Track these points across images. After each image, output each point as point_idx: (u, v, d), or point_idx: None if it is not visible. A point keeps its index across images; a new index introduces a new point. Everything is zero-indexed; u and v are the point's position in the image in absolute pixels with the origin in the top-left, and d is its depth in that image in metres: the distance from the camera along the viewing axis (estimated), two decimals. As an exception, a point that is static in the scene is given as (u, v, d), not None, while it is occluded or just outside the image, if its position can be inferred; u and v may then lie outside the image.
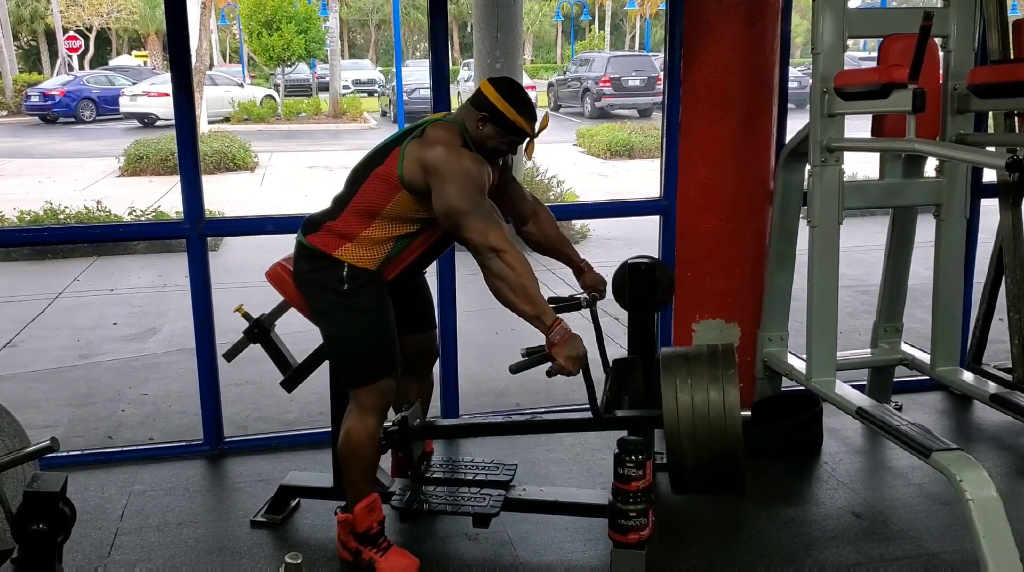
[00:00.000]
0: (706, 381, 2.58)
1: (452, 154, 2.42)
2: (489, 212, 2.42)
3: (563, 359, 2.38)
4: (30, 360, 5.09)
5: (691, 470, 2.61)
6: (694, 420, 2.56)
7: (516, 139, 2.56)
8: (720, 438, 2.54)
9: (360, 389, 2.58)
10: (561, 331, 2.38)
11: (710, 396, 2.56)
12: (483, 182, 2.44)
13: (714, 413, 2.55)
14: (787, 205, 3.60)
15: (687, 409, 2.57)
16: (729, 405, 2.55)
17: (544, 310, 2.39)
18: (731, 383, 2.57)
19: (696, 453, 2.57)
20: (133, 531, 2.95)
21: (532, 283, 2.37)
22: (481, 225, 2.37)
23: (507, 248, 2.36)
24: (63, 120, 22.24)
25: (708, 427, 2.55)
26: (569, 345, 2.38)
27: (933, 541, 2.85)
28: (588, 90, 22.02)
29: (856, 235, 6.24)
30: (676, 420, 2.57)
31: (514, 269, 2.36)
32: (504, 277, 2.36)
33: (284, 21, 20.97)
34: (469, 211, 2.38)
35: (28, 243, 7.76)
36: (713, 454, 2.56)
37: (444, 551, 2.82)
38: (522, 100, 2.53)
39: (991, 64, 3.56)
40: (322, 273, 2.55)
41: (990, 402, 3.28)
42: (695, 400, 2.57)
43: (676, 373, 2.63)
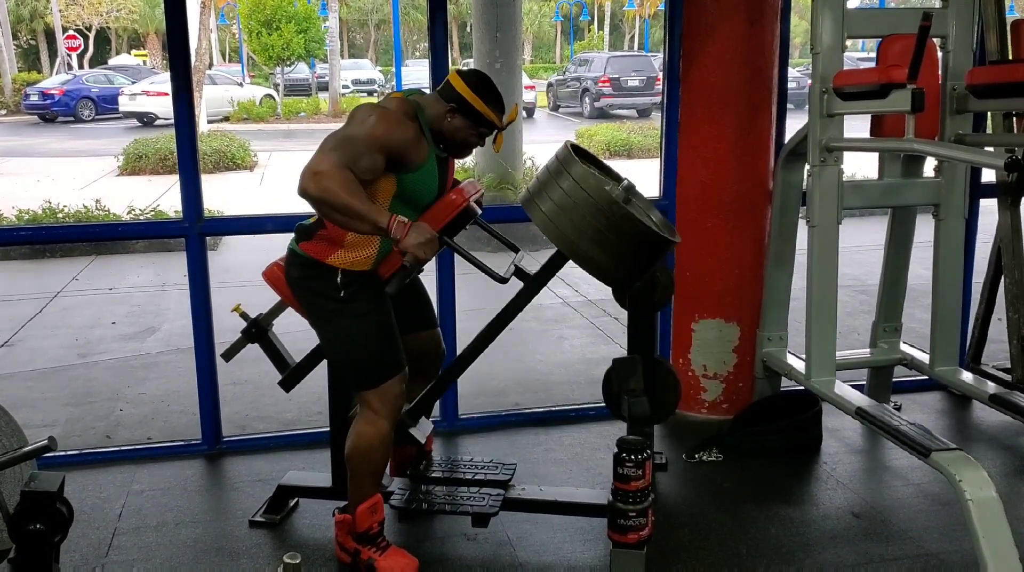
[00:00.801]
0: (556, 180, 2.45)
1: (370, 109, 2.39)
2: (353, 153, 2.31)
3: (413, 248, 2.32)
4: (28, 359, 5.08)
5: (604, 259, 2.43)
6: (567, 215, 2.41)
7: (485, 131, 2.55)
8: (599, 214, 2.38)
9: (368, 392, 2.56)
10: (399, 224, 2.30)
11: (564, 186, 2.42)
12: (378, 137, 2.34)
13: (580, 199, 2.39)
14: (786, 205, 3.60)
15: (554, 211, 2.43)
16: (581, 179, 2.40)
17: (376, 216, 2.29)
18: (572, 166, 2.42)
19: (597, 241, 2.40)
20: (131, 531, 2.94)
21: (354, 199, 2.27)
22: (323, 156, 2.29)
23: (327, 171, 2.26)
24: (62, 119, 22.22)
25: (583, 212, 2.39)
26: (413, 233, 2.32)
27: (932, 541, 2.85)
28: (587, 90, 22.02)
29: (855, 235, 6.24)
30: (555, 226, 2.43)
31: (331, 191, 2.25)
32: (325, 200, 2.26)
33: (284, 21, 20.97)
34: (328, 147, 2.31)
35: (27, 242, 7.75)
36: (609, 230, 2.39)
37: (443, 551, 2.81)
38: (490, 92, 2.51)
39: (989, 64, 3.56)
40: (317, 281, 2.53)
41: (989, 402, 3.28)
42: (556, 199, 2.43)
43: (533, 194, 2.51)
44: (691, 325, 3.74)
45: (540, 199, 2.49)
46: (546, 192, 2.48)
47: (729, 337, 3.72)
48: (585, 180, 2.41)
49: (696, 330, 3.74)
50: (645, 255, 2.50)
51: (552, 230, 2.45)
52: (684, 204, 3.67)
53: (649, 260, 2.53)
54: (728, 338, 3.72)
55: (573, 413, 3.86)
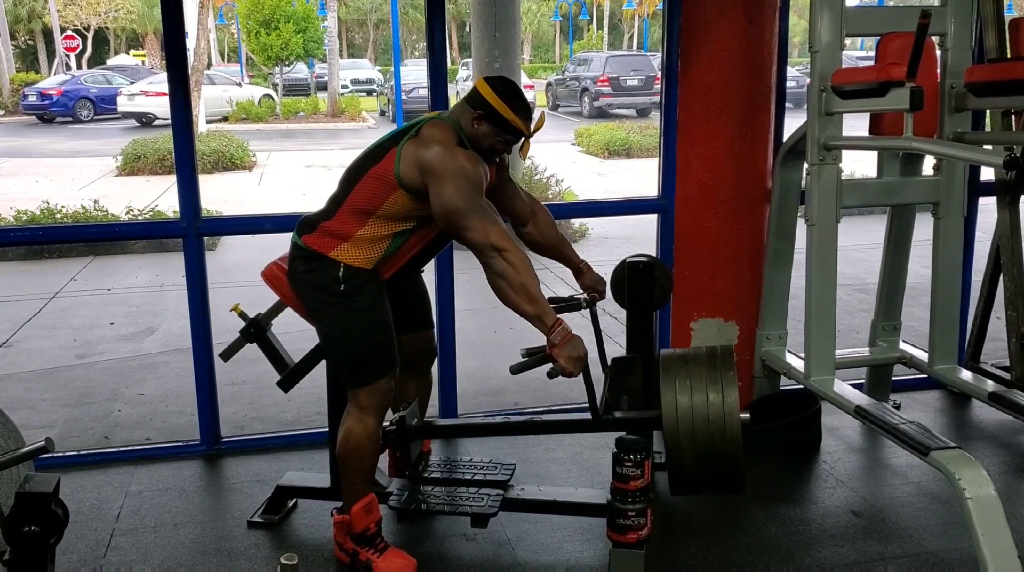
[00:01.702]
0: (705, 382, 2.58)
1: (448, 153, 2.40)
2: (487, 210, 2.41)
3: (564, 360, 2.37)
4: (26, 360, 5.08)
5: (690, 471, 2.61)
6: (693, 422, 2.56)
7: (512, 138, 2.55)
8: (719, 440, 2.54)
9: (360, 389, 2.56)
10: (562, 332, 2.37)
11: (709, 398, 2.56)
12: (480, 181, 2.43)
13: (713, 415, 2.55)
14: (785, 204, 3.60)
15: (686, 411, 2.57)
16: (728, 407, 2.54)
17: (545, 310, 2.38)
18: (730, 385, 2.57)
19: (695, 455, 2.57)
20: (129, 532, 2.94)
21: (534, 282, 2.37)
22: (481, 223, 2.36)
23: (509, 246, 2.35)
24: (60, 119, 22.22)
25: (707, 429, 2.55)
26: (570, 346, 2.37)
27: (932, 539, 2.84)
28: (586, 90, 22.03)
29: (854, 233, 6.24)
30: (676, 422, 2.57)
31: (516, 268, 2.35)
32: (506, 276, 2.35)
33: (282, 20, 20.97)
34: (467, 210, 2.37)
35: (25, 243, 7.76)
36: (712, 455, 2.56)
37: (442, 551, 2.81)
38: (518, 99, 2.51)
39: (988, 62, 3.55)
40: (318, 274, 2.54)
41: (988, 400, 3.28)
42: (694, 402, 2.57)
43: (675, 374, 2.63)
44: (690, 324, 3.73)
45: (681, 379, 2.62)
46: (691, 381, 2.60)
47: (728, 336, 3.71)
48: (732, 415, 2.55)
49: (695, 329, 3.73)
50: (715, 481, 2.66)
51: (669, 417, 2.59)
52: (683, 203, 3.66)
53: (713, 485, 2.69)
54: (727, 337, 3.71)
55: (572, 412, 3.85)
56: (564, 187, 9.18)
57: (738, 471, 2.59)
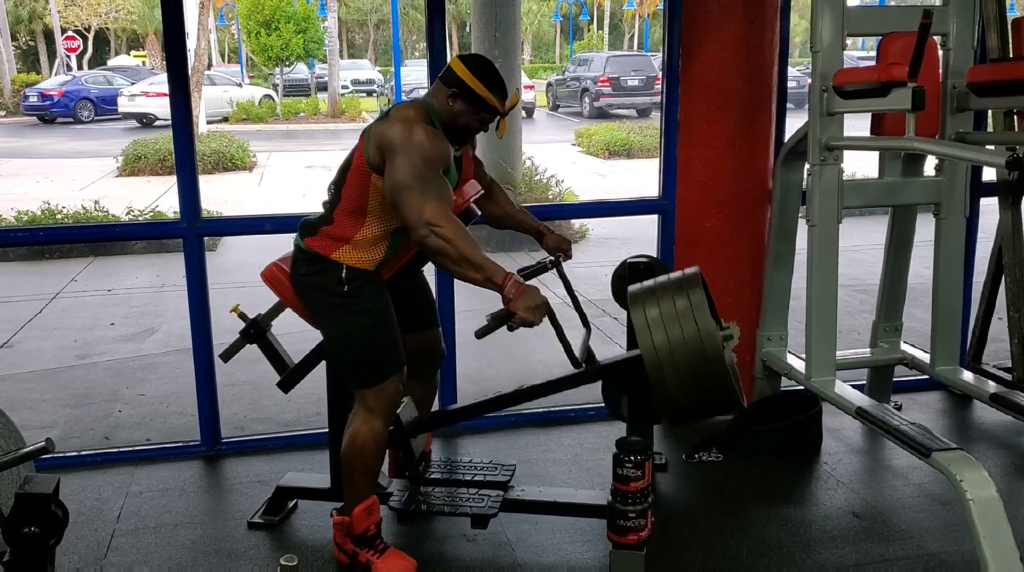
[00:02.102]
0: (674, 309, 2.51)
1: (406, 129, 2.37)
2: (432, 187, 2.32)
3: (522, 311, 2.31)
4: (27, 361, 5.08)
5: (681, 399, 2.53)
6: (671, 348, 2.48)
7: (487, 116, 2.53)
8: (701, 360, 2.46)
9: (366, 391, 2.55)
10: (515, 284, 2.31)
11: (682, 324, 2.48)
12: (436, 157, 2.36)
13: (690, 339, 2.47)
14: (786, 204, 3.59)
15: (663, 342, 2.49)
16: (703, 328, 2.47)
17: (492, 270, 2.31)
18: (700, 306, 2.50)
19: (680, 383, 2.49)
20: (130, 532, 2.94)
21: (473, 250, 2.29)
22: (418, 201, 2.29)
23: (441, 222, 2.27)
24: (61, 120, 22.22)
25: (688, 355, 2.47)
26: (525, 296, 2.32)
27: (933, 541, 2.84)
28: (587, 90, 22.02)
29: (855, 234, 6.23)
30: (654, 353, 2.49)
31: (450, 241, 2.27)
32: (443, 252, 2.29)
33: (282, 21, 20.97)
34: (410, 186, 2.30)
35: (25, 243, 7.75)
36: (697, 377, 2.49)
37: (442, 552, 2.80)
38: (492, 76, 2.50)
39: (990, 62, 3.55)
40: (321, 276, 2.53)
41: (990, 401, 3.27)
42: (669, 332, 2.49)
43: (645, 307, 2.56)
44: (691, 325, 3.73)
45: (649, 301, 2.56)
46: (658, 298, 2.54)
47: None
48: (701, 311, 2.48)
49: (696, 330, 3.72)
50: (707, 405, 2.58)
51: (644, 336, 2.52)
52: (683, 203, 3.66)
53: (705, 410, 2.61)
54: (728, 338, 3.71)
55: (572, 413, 3.85)
56: (564, 188, 9.18)
57: (727, 390, 2.51)
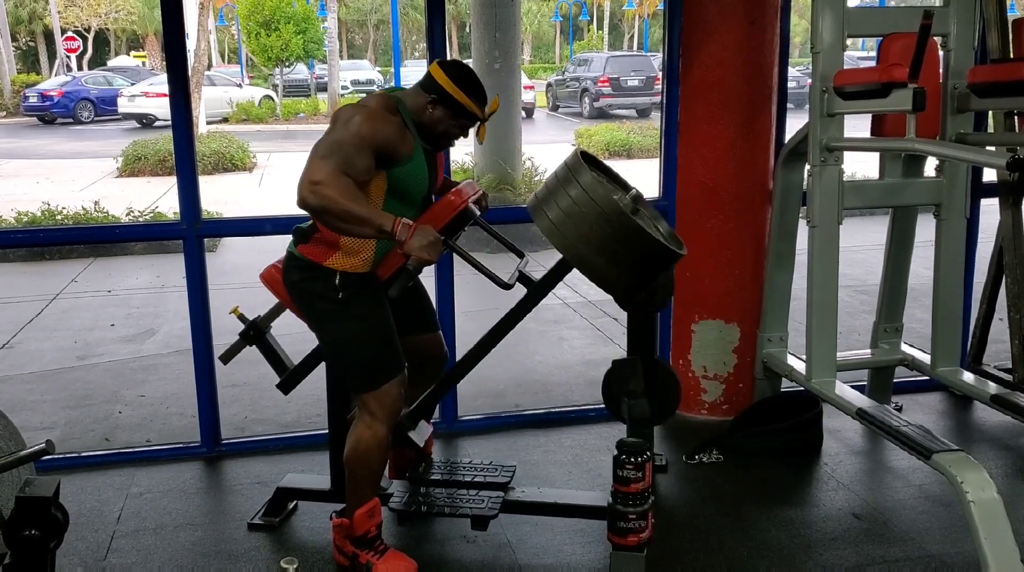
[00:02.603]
0: (564, 187, 2.45)
1: (353, 109, 2.37)
2: (343, 158, 2.29)
3: (417, 250, 2.31)
4: (27, 362, 5.07)
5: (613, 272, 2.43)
6: (574, 223, 2.40)
7: (466, 122, 2.53)
8: (607, 225, 2.37)
9: (367, 394, 2.55)
10: (404, 227, 2.30)
11: (571, 194, 2.41)
12: (365, 135, 2.33)
13: (589, 212, 2.38)
14: (786, 205, 3.59)
15: (561, 218, 2.41)
16: (600, 198, 2.38)
17: (379, 219, 2.29)
18: (581, 173, 2.42)
19: (602, 254, 2.40)
20: (130, 534, 2.93)
21: (356, 205, 2.27)
22: (316, 165, 2.27)
23: (324, 180, 2.24)
24: (61, 121, 22.22)
25: (594, 227, 2.38)
26: (417, 235, 2.31)
27: (934, 543, 2.83)
28: (587, 90, 22.02)
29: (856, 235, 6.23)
30: (560, 234, 2.42)
31: (331, 199, 2.24)
32: (326, 210, 2.26)
33: (282, 21, 20.97)
34: (320, 155, 2.29)
35: (25, 244, 7.75)
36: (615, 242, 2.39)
37: (442, 553, 2.80)
38: (472, 83, 2.49)
39: (991, 63, 3.55)
40: (315, 283, 2.53)
41: (990, 403, 3.27)
42: (563, 207, 2.41)
43: (541, 201, 2.50)
44: (691, 326, 3.73)
45: (547, 206, 2.47)
46: (554, 199, 2.46)
47: (729, 338, 3.71)
48: (593, 189, 2.39)
49: (696, 331, 3.72)
50: (651, 266, 2.49)
51: (558, 238, 2.43)
52: (684, 204, 3.66)
53: (654, 271, 2.52)
54: (728, 339, 3.71)
55: (573, 415, 3.85)
56: (565, 188, 9.15)
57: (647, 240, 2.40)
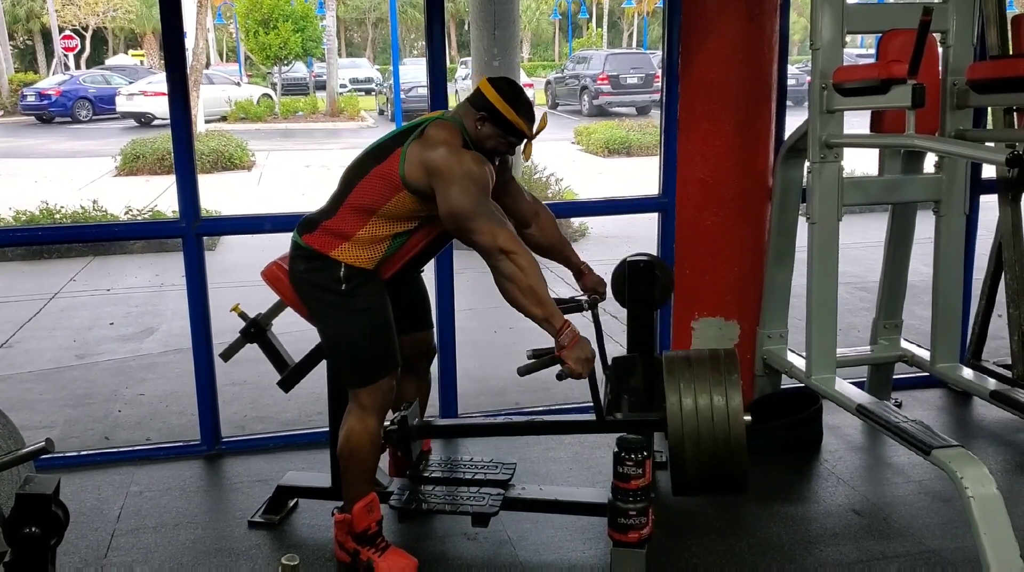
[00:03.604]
0: (709, 385, 2.58)
1: (455, 155, 2.40)
2: (494, 213, 2.41)
3: (573, 362, 2.38)
4: (26, 360, 5.07)
5: (693, 474, 2.61)
6: (698, 424, 2.56)
7: (514, 140, 2.55)
8: (723, 443, 2.55)
9: (361, 389, 2.56)
10: (570, 334, 2.38)
11: (714, 401, 2.56)
12: (486, 182, 2.43)
13: (718, 418, 2.55)
14: (786, 202, 3.59)
15: (691, 413, 2.57)
16: (732, 410, 2.55)
17: (554, 312, 2.39)
18: (734, 388, 2.57)
19: (698, 457, 2.57)
20: (130, 532, 2.93)
21: (541, 285, 2.37)
22: (488, 226, 2.36)
23: (516, 249, 2.36)
24: (59, 120, 22.18)
25: (712, 432, 2.55)
26: (579, 348, 2.39)
27: (934, 538, 2.84)
28: (586, 88, 22.02)
29: (855, 231, 6.23)
30: (680, 424, 2.57)
31: (524, 271, 2.35)
32: (514, 279, 2.36)
33: (281, 20, 20.95)
34: (475, 213, 2.37)
35: (24, 243, 7.74)
36: (715, 457, 2.56)
37: (443, 551, 2.80)
38: (521, 100, 2.51)
39: (990, 59, 3.55)
40: (319, 273, 2.53)
41: (990, 398, 3.28)
42: (699, 404, 2.57)
43: (679, 377, 2.63)
44: (691, 323, 3.73)
45: (685, 381, 2.61)
46: (695, 384, 2.59)
47: (729, 335, 3.70)
48: (737, 419, 2.54)
49: (696, 328, 3.72)
50: (718, 485, 2.65)
51: (674, 419, 2.58)
52: (684, 202, 3.66)
53: (716, 489, 2.69)
54: (728, 336, 3.70)
55: (573, 412, 3.85)
56: (564, 186, 9.17)
57: (741, 473, 2.59)
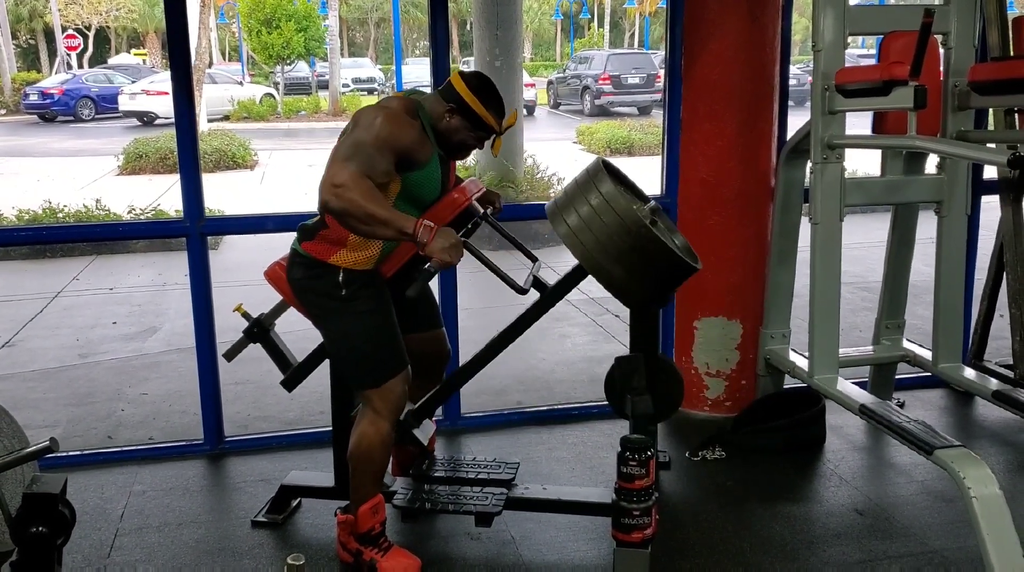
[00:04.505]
0: (584, 195, 2.50)
1: (375, 110, 2.39)
2: (364, 160, 2.31)
3: (439, 252, 2.31)
4: (29, 360, 5.08)
5: (631, 282, 2.49)
6: (593, 231, 2.46)
7: (483, 134, 2.54)
8: (626, 236, 2.44)
9: (371, 392, 2.56)
10: (426, 229, 2.30)
11: (592, 202, 2.47)
12: (386, 138, 2.34)
13: (607, 217, 2.45)
14: (788, 202, 3.60)
15: (580, 226, 2.47)
16: (622, 209, 2.44)
17: (400, 222, 2.29)
18: (603, 183, 2.48)
19: (620, 261, 2.46)
20: (133, 532, 2.94)
21: (378, 207, 2.27)
22: (337, 167, 2.28)
23: (347, 183, 2.25)
24: (62, 119, 22.21)
25: (613, 237, 2.44)
26: (439, 238, 2.31)
27: (936, 538, 2.84)
28: (588, 88, 22.02)
29: (857, 232, 6.23)
30: (579, 242, 2.47)
31: (354, 202, 2.25)
32: (348, 212, 2.26)
33: (283, 19, 20.97)
34: (342, 158, 2.30)
35: (27, 242, 7.75)
36: (632, 253, 2.45)
37: (446, 550, 2.81)
38: (491, 95, 2.51)
39: (991, 61, 3.55)
40: (319, 280, 2.53)
41: (992, 399, 3.28)
42: (583, 215, 2.47)
43: (560, 207, 2.56)
44: (694, 323, 3.74)
45: (566, 212, 2.52)
46: (573, 206, 2.51)
47: (732, 335, 3.71)
48: (615, 199, 2.44)
49: (699, 328, 3.73)
50: (666, 278, 2.54)
51: (575, 245, 2.48)
52: (686, 202, 3.67)
53: (670, 284, 2.58)
54: (731, 336, 3.71)
55: (576, 412, 3.86)
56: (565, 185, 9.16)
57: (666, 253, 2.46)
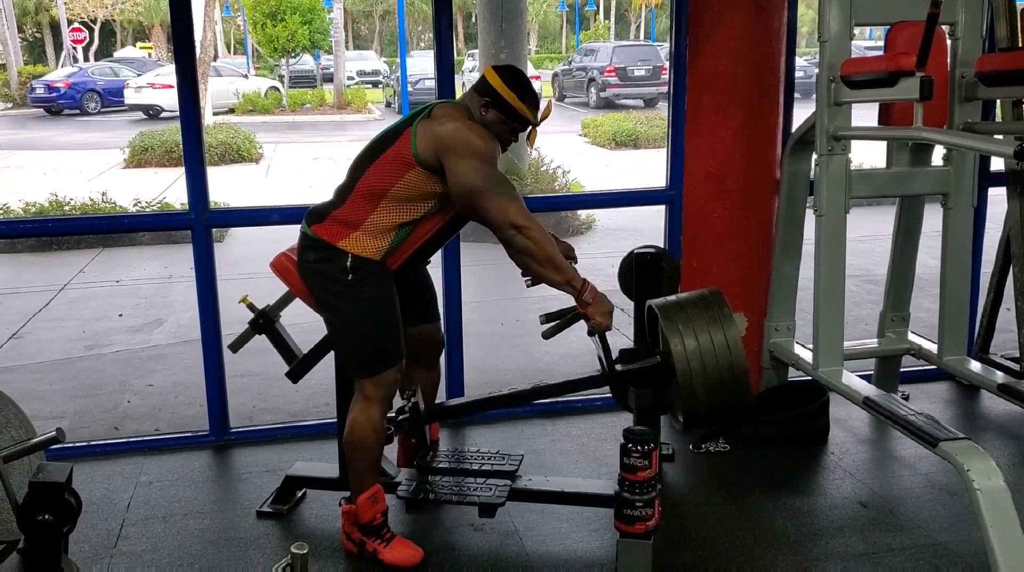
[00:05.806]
0: (706, 322, 2.69)
1: (463, 129, 2.44)
2: (504, 187, 2.44)
3: (599, 316, 2.51)
4: (36, 351, 5.10)
5: (704, 407, 2.69)
6: (703, 359, 2.65)
7: (518, 127, 2.58)
8: (728, 371, 2.64)
9: (365, 380, 2.58)
10: (592, 291, 2.50)
11: (712, 335, 2.66)
12: (494, 157, 2.46)
13: (719, 349, 2.65)
14: (793, 194, 3.59)
15: (694, 350, 2.66)
16: (731, 339, 2.66)
17: (572, 275, 2.49)
18: (727, 320, 2.68)
19: (707, 389, 2.66)
20: (139, 522, 2.96)
21: (556, 252, 2.46)
22: (499, 202, 2.41)
23: (527, 223, 2.41)
24: (68, 112, 22.25)
25: (716, 364, 2.65)
26: (601, 303, 2.51)
27: (940, 531, 2.84)
28: (593, 80, 21.99)
29: (863, 224, 6.22)
30: (687, 362, 2.66)
31: (537, 242, 2.42)
32: (529, 252, 2.43)
33: (288, 12, 20.98)
34: (485, 189, 2.41)
35: (33, 235, 7.73)
36: (722, 386, 2.66)
37: (450, 541, 2.82)
38: (525, 88, 2.54)
39: (999, 52, 3.53)
40: (326, 263, 2.55)
41: (997, 391, 3.27)
42: (700, 340, 2.67)
43: (675, 319, 2.72)
44: (698, 315, 3.73)
45: (682, 322, 2.69)
46: (694, 327, 2.68)
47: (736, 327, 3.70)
48: (737, 347, 2.65)
49: (703, 320, 3.72)
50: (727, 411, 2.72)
51: (682, 360, 2.66)
52: (691, 194, 3.66)
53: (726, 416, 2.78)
54: (735, 328, 3.71)
55: (579, 404, 3.86)
56: (571, 178, 9.17)
57: (747, 399, 2.69)
